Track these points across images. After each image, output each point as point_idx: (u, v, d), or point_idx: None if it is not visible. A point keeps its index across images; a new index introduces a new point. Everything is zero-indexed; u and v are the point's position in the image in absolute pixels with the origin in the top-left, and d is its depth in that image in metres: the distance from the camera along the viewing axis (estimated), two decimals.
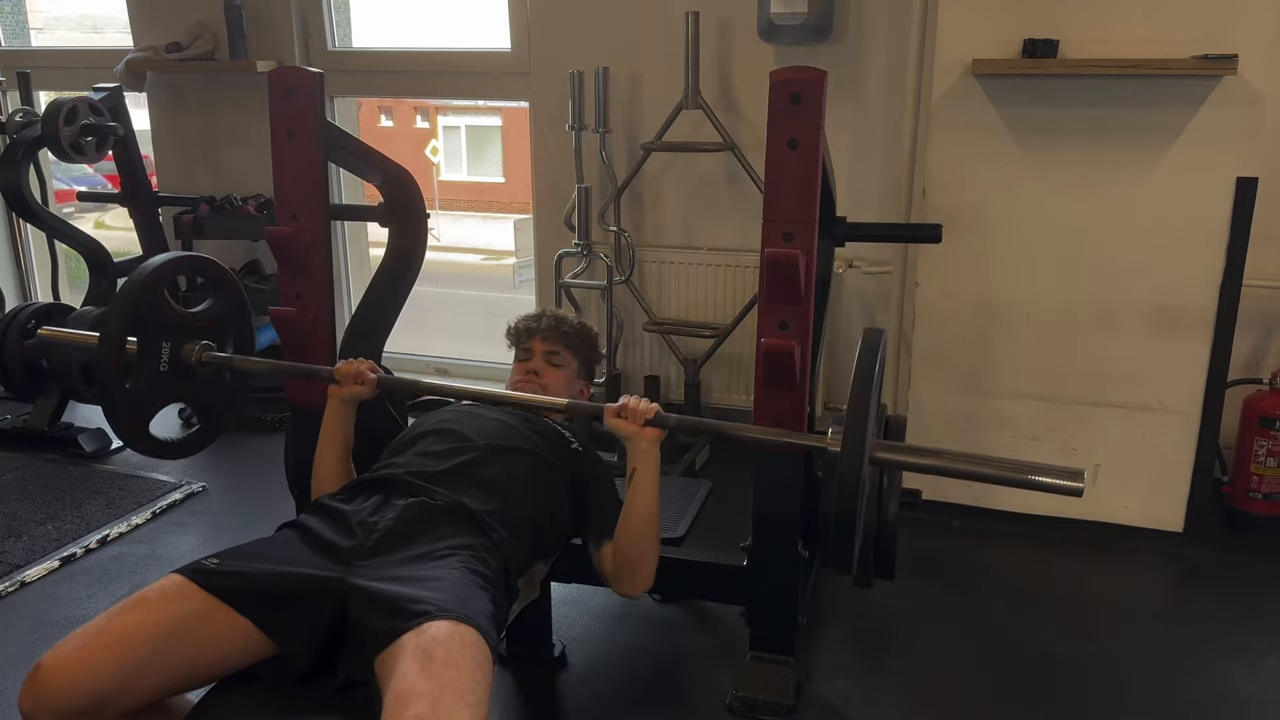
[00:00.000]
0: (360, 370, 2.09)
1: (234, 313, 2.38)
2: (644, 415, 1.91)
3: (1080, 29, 2.64)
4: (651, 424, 1.92)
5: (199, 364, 2.26)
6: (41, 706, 1.43)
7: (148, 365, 2.21)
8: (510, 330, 2.39)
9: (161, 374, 2.24)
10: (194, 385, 2.32)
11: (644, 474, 1.93)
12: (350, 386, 2.09)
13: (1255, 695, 2.27)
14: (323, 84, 2.22)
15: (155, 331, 2.20)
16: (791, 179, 1.92)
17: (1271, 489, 2.95)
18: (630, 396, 1.96)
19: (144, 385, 2.22)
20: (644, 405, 1.92)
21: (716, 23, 3.39)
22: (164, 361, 2.23)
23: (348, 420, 2.13)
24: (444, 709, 1.32)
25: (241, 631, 1.57)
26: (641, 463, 1.93)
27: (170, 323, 2.23)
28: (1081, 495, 1.72)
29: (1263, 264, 2.92)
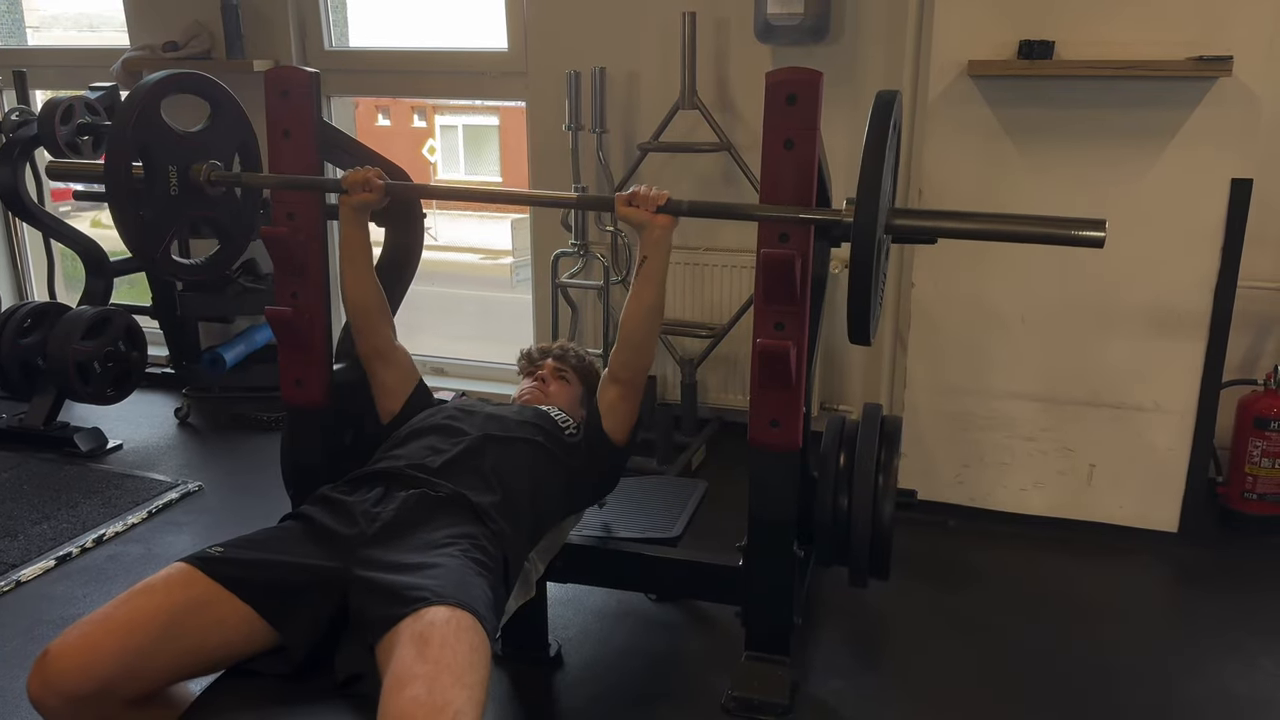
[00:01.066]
0: (368, 177, 2.15)
1: (236, 129, 2.39)
2: (656, 202, 1.99)
3: (1076, 30, 2.65)
4: (663, 210, 1.99)
5: (208, 183, 2.28)
6: (51, 691, 1.45)
7: (157, 190, 2.22)
8: (523, 354, 2.51)
9: (172, 198, 2.25)
10: (206, 205, 2.33)
11: (654, 260, 2.02)
12: (359, 194, 2.15)
13: (1249, 695, 2.28)
14: (319, 84, 2.22)
15: (159, 156, 2.21)
16: (787, 179, 1.93)
17: (1266, 489, 2.96)
18: (641, 185, 2.02)
19: (157, 211, 2.23)
20: (655, 192, 2.00)
21: (713, 23, 3.39)
22: (173, 185, 2.24)
23: (362, 228, 2.21)
24: (440, 690, 1.34)
25: (244, 618, 1.59)
26: (653, 250, 2.02)
27: (174, 145, 2.24)
28: (1103, 245, 1.76)
29: (1257, 265, 2.93)
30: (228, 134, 2.37)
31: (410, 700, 1.32)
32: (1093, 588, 2.76)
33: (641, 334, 2.07)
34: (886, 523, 2.13)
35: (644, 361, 2.12)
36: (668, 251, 2.03)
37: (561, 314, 3.71)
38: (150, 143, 2.19)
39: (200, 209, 2.32)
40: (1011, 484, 3.03)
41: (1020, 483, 3.02)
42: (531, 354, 2.48)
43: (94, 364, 3.50)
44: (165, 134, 2.22)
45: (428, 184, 2.30)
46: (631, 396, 2.14)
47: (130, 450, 3.63)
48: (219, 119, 2.37)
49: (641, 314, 2.05)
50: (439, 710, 1.31)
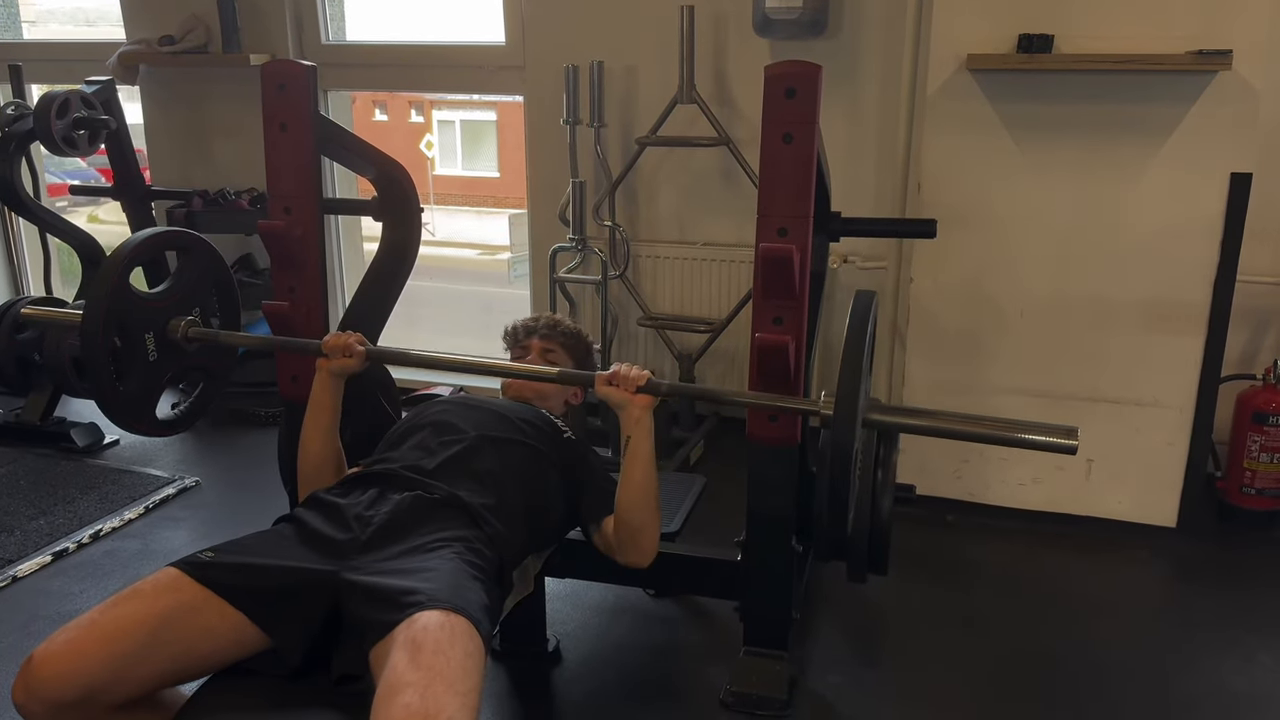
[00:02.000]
0: (348, 343, 2.09)
1: (209, 274, 2.36)
2: (635, 382, 1.93)
3: (1075, 24, 2.64)
4: (643, 390, 1.93)
5: (185, 340, 2.26)
6: (34, 698, 1.43)
7: (137, 361, 2.20)
8: (507, 331, 2.42)
9: (152, 363, 2.23)
10: (187, 359, 2.32)
11: (638, 440, 1.93)
12: (339, 359, 2.09)
13: (1247, 690, 2.28)
14: (315, 77, 2.21)
15: (135, 328, 2.19)
16: (786, 174, 1.92)
17: (1265, 484, 2.95)
18: (621, 364, 1.97)
19: (138, 382, 2.21)
20: (635, 372, 1.94)
21: (711, 17, 3.38)
22: (151, 351, 2.22)
23: (336, 394, 2.12)
24: (432, 698, 1.32)
25: (234, 624, 1.57)
26: (635, 430, 1.94)
27: (145, 312, 2.22)
28: (1075, 452, 1.77)
29: (1257, 260, 2.93)
30: (201, 279, 2.35)
31: (403, 708, 1.30)
32: (1091, 583, 2.76)
33: (639, 516, 1.95)
34: (885, 518, 2.12)
35: (647, 544, 1.98)
36: (650, 430, 1.93)
37: (559, 309, 3.70)
38: (124, 321, 2.16)
39: (181, 363, 2.30)
40: (1010, 479, 3.03)
41: (1019, 478, 3.02)
42: (516, 331, 2.39)
43: None
44: (136, 305, 2.20)
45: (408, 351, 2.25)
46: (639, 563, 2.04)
47: (127, 446, 3.62)
48: (189, 266, 2.33)
49: (635, 494, 1.94)
50: (431, 717, 1.30)
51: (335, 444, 2.12)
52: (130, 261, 2.20)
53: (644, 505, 1.95)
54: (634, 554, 1.98)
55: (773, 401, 1.96)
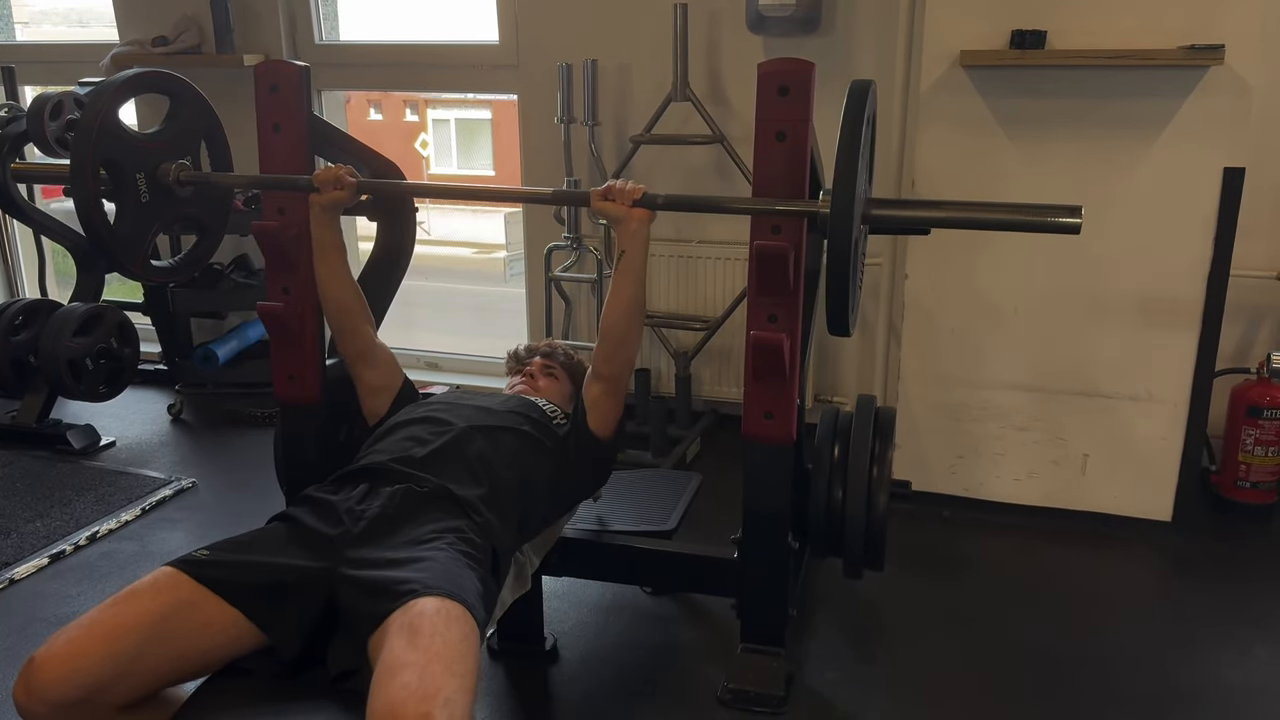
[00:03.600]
0: (339, 174, 2.11)
1: (199, 121, 2.36)
2: (631, 195, 1.97)
3: (1068, 20, 2.65)
4: (639, 204, 1.98)
5: (178, 184, 2.25)
6: (35, 699, 1.44)
7: (128, 201, 2.19)
8: (511, 354, 2.51)
9: (144, 204, 2.22)
10: (179, 204, 2.30)
11: (633, 254, 2.00)
12: (330, 192, 2.11)
13: (1242, 683, 2.29)
14: (309, 77, 2.21)
15: (126, 166, 2.18)
16: (780, 171, 1.92)
17: (1259, 478, 2.96)
18: (616, 180, 2.01)
19: (131, 222, 2.20)
20: (631, 186, 1.98)
21: (705, 14, 3.38)
22: (143, 192, 2.21)
23: (334, 229, 2.17)
24: (431, 678, 1.34)
25: (231, 621, 1.58)
26: (630, 243, 1.99)
27: (137, 151, 2.21)
28: (1079, 231, 1.77)
29: (1250, 254, 2.93)
30: (191, 126, 2.34)
31: (401, 687, 1.32)
32: (1087, 577, 2.77)
33: (622, 329, 2.06)
34: (881, 514, 2.13)
35: (627, 356, 2.11)
36: (645, 245, 2.01)
37: (555, 308, 3.71)
38: (113, 155, 2.16)
39: (173, 209, 2.29)
40: (1005, 474, 3.03)
41: (1014, 473, 3.03)
42: (519, 353, 2.48)
43: (86, 361, 3.48)
44: (127, 142, 2.19)
45: (403, 180, 2.27)
46: (615, 392, 2.13)
47: (123, 447, 3.62)
48: (180, 113, 2.33)
49: (622, 309, 2.04)
50: (429, 697, 1.32)
51: (351, 284, 2.21)
52: (118, 95, 2.19)
53: (631, 318, 2.05)
54: (615, 365, 2.09)
55: (769, 206, 1.93)
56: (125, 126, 2.21)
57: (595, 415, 2.12)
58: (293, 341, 2.27)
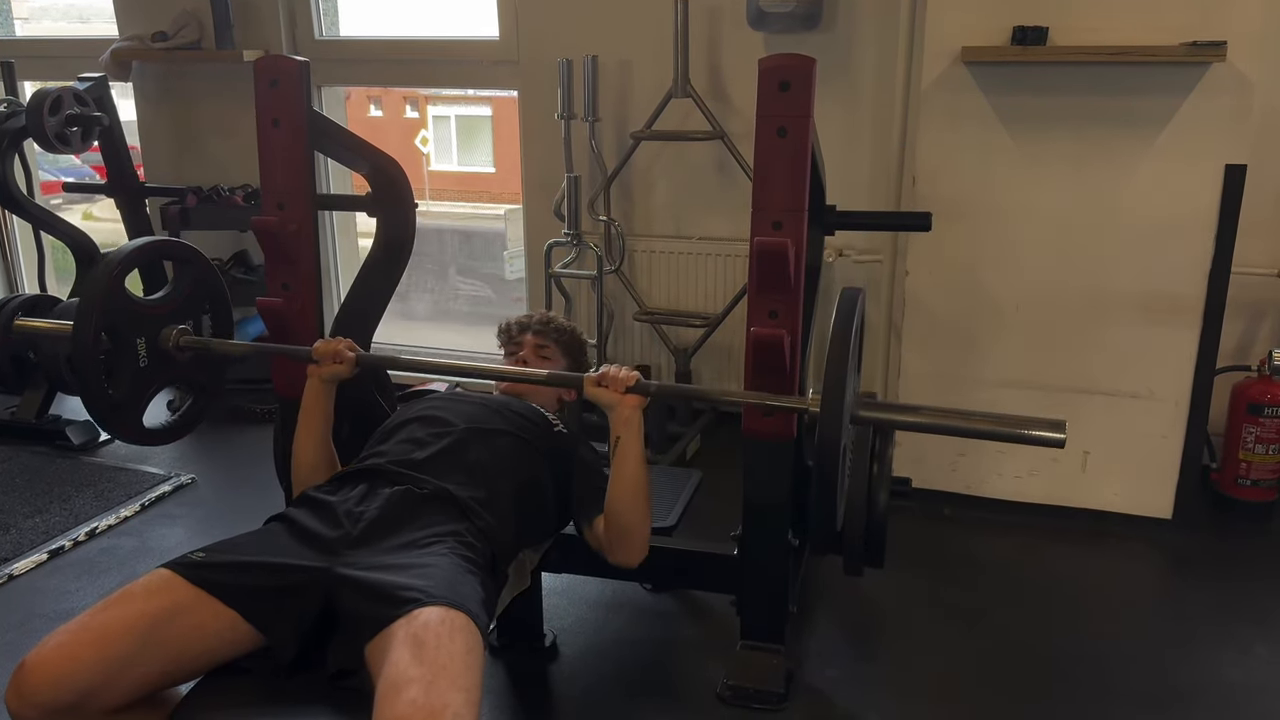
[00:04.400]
0: (338, 349, 2.08)
1: (204, 287, 2.35)
2: (624, 383, 1.92)
3: (1069, 16, 2.64)
4: (632, 391, 1.92)
5: (177, 349, 2.25)
6: (27, 703, 1.43)
7: (126, 365, 2.19)
8: (501, 329, 2.43)
9: (142, 369, 2.22)
10: (178, 369, 2.30)
11: (628, 440, 1.92)
12: (329, 365, 2.08)
13: (1243, 681, 2.28)
14: (308, 73, 2.20)
15: (126, 331, 2.19)
16: (781, 167, 1.92)
17: (1260, 475, 2.96)
18: (610, 365, 1.97)
19: (127, 387, 2.21)
20: (624, 373, 1.93)
21: (706, 10, 3.37)
22: (142, 357, 2.21)
23: (327, 400, 2.11)
24: (437, 693, 1.33)
25: (228, 623, 1.57)
26: (625, 430, 1.92)
27: (139, 317, 2.21)
28: (1063, 445, 1.78)
29: (1251, 251, 2.93)
30: (195, 293, 2.34)
31: (408, 704, 1.31)
32: (1087, 575, 2.76)
33: (630, 518, 1.93)
34: (881, 511, 2.12)
35: (637, 544, 1.96)
36: (640, 430, 1.93)
37: (555, 304, 3.70)
38: (115, 323, 2.16)
39: (171, 373, 2.29)
40: (1006, 472, 3.03)
41: (1015, 470, 3.02)
42: (511, 328, 2.40)
43: None
44: (130, 308, 2.19)
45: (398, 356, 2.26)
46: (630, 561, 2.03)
47: (122, 444, 3.61)
48: (185, 277, 2.33)
49: (626, 493, 1.92)
50: (436, 713, 1.31)
51: (329, 450, 2.12)
52: (125, 265, 2.20)
53: (634, 506, 1.93)
54: (624, 553, 1.97)
55: (761, 400, 1.95)
56: (129, 293, 2.21)
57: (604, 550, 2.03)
58: (293, 337, 2.26)
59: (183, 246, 2.37)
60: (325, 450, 2.12)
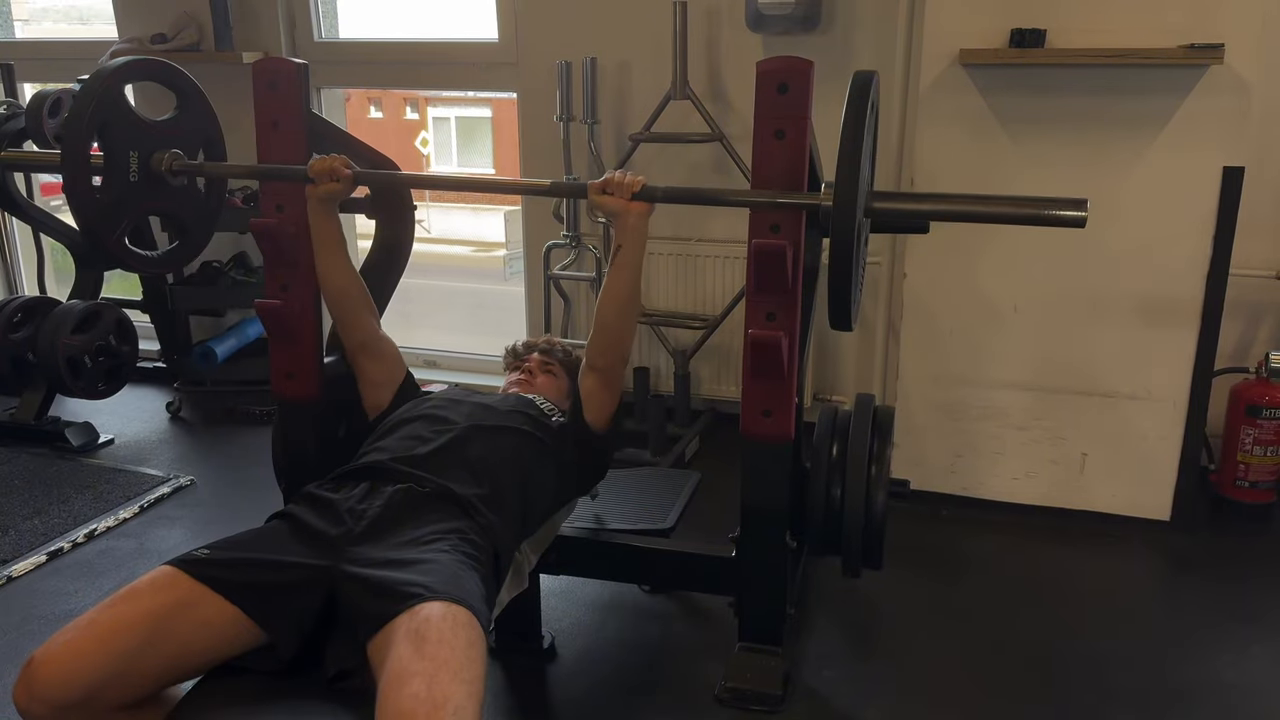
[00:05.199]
0: (334, 165, 2.09)
1: (202, 123, 2.33)
2: (630, 189, 1.94)
3: (1067, 19, 2.64)
4: (638, 197, 1.95)
5: (169, 172, 2.22)
6: (36, 700, 1.44)
7: (116, 174, 2.15)
8: (508, 349, 2.49)
9: (132, 184, 2.18)
10: (167, 197, 2.26)
11: (629, 248, 1.98)
12: (326, 184, 2.09)
13: (1240, 682, 2.28)
14: (307, 75, 2.21)
15: (122, 139, 2.15)
16: (779, 169, 1.92)
17: (1258, 477, 2.96)
18: (615, 171, 1.99)
19: (115, 194, 2.15)
20: (630, 178, 1.95)
21: (704, 12, 3.38)
22: (133, 171, 2.17)
23: (332, 220, 2.16)
24: (440, 687, 1.34)
25: (230, 619, 1.58)
26: (628, 238, 1.97)
27: (137, 130, 2.18)
28: (1084, 225, 1.77)
29: (1249, 253, 2.93)
30: (193, 127, 2.31)
31: (410, 697, 1.32)
32: (1085, 576, 2.77)
33: (618, 322, 2.04)
34: (879, 512, 2.13)
35: (621, 350, 2.09)
36: (643, 239, 1.99)
37: (554, 306, 3.70)
38: (111, 123, 2.12)
39: (160, 199, 2.25)
40: (1004, 473, 3.03)
41: (1013, 472, 3.03)
42: (517, 349, 2.46)
43: (85, 358, 3.49)
44: (128, 117, 2.16)
45: (400, 172, 2.26)
46: (610, 384, 2.12)
47: (122, 445, 3.62)
48: (185, 111, 2.31)
49: (618, 302, 2.02)
50: (439, 706, 1.32)
51: (352, 273, 2.20)
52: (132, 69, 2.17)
53: (626, 311, 2.04)
54: (610, 357, 2.07)
55: (771, 199, 1.91)
56: (129, 104, 2.19)
57: (591, 407, 2.12)
58: (291, 339, 2.26)
59: (188, 79, 2.32)
60: (349, 274, 2.19)
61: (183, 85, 2.33)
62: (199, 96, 2.34)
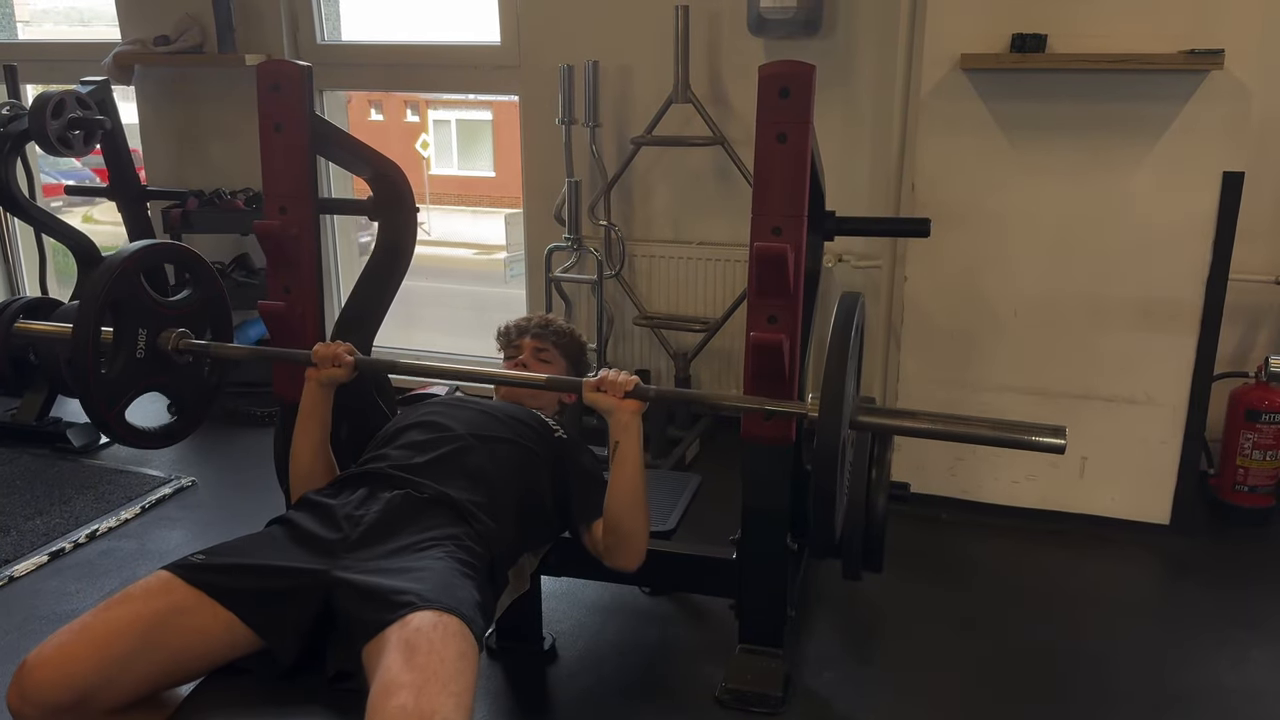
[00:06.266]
0: (338, 352, 2.08)
1: (212, 304, 2.35)
2: (623, 387, 1.92)
3: (1068, 24, 2.65)
4: (631, 396, 1.92)
5: (176, 351, 2.24)
6: (28, 702, 1.44)
7: (124, 351, 2.18)
8: (501, 332, 2.43)
9: (138, 360, 2.20)
10: (171, 374, 2.29)
11: (627, 445, 1.92)
12: (327, 369, 2.09)
13: (1239, 686, 2.29)
14: (311, 77, 2.21)
15: (132, 317, 2.17)
16: (780, 173, 1.93)
17: (1257, 481, 2.97)
18: (609, 370, 1.97)
19: (119, 371, 2.18)
20: (623, 377, 1.93)
21: (706, 16, 3.39)
22: (140, 348, 2.20)
23: (325, 404, 2.12)
24: (427, 699, 1.34)
25: (226, 625, 1.58)
26: (624, 435, 1.93)
27: (147, 309, 2.21)
28: (1064, 451, 1.78)
29: (1249, 258, 2.94)
30: (203, 309, 2.33)
31: (397, 709, 1.32)
32: (1085, 580, 2.77)
33: (628, 521, 1.94)
34: (880, 515, 2.13)
35: (635, 549, 1.97)
36: (639, 434, 1.93)
37: (555, 308, 3.71)
38: (125, 300, 2.15)
39: (163, 376, 2.27)
40: (1004, 477, 3.04)
41: (1013, 475, 3.03)
42: (510, 332, 2.40)
43: None
44: (141, 296, 2.19)
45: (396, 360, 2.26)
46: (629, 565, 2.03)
47: (122, 446, 3.61)
48: (196, 292, 2.33)
49: (625, 499, 1.93)
50: (426, 718, 1.31)
51: (327, 455, 2.12)
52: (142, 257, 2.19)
53: (633, 511, 1.94)
54: (622, 558, 1.98)
55: (760, 405, 1.95)
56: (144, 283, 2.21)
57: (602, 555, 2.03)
58: (294, 340, 2.26)
59: (199, 261, 2.35)
60: (323, 456, 2.12)
61: (196, 268, 2.34)
62: (211, 280, 2.35)
